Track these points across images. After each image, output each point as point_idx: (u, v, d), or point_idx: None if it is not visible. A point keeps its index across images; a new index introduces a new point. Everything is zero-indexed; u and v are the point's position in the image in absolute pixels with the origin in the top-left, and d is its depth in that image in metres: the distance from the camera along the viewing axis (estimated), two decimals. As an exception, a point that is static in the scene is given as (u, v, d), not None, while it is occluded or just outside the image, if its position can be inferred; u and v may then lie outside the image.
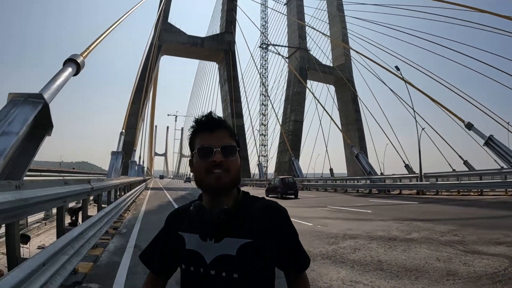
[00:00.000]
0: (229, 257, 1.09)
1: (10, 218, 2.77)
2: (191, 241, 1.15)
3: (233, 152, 1.15)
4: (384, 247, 6.76)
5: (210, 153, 1.11)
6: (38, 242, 6.89)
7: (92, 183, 6.01)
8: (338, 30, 61.57)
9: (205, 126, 1.17)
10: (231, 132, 1.20)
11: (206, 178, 1.12)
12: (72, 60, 7.52)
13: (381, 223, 10.09)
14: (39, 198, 3.27)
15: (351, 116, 62.50)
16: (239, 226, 1.13)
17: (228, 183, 1.12)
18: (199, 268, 1.11)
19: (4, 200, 2.57)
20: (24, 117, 4.64)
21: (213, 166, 1.10)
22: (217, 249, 1.11)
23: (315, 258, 6.04)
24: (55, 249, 3.18)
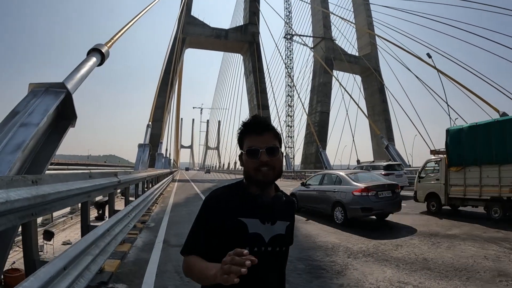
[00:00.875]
0: (281, 236, 1.38)
1: (26, 217, 2.48)
2: (254, 225, 1.33)
3: (276, 152, 1.36)
4: (427, 244, 6.49)
5: (257, 154, 1.32)
6: (63, 238, 6.73)
7: (119, 176, 5.77)
8: (364, 18, 60.25)
9: (252, 129, 1.37)
10: (275, 134, 1.40)
11: (255, 175, 1.33)
12: (96, 49, 7.28)
13: (419, 217, 9.80)
14: (59, 193, 2.97)
15: (378, 107, 61.25)
16: (282, 211, 1.42)
17: (273, 178, 1.37)
18: (261, 247, 1.32)
19: (18, 198, 2.27)
20: (45, 108, 4.38)
21: (260, 165, 1.31)
22: (274, 229, 1.36)
23: (356, 255, 5.82)
24: (78, 251, 2.88)
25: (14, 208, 2.24)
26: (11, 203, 2.20)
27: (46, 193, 2.71)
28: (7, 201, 2.15)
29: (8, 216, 2.24)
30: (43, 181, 2.75)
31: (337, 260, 5.54)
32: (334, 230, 8.16)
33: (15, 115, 4.13)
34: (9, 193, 2.23)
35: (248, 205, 1.33)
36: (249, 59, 61.06)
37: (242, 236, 1.30)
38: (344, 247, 6.45)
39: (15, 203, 2.24)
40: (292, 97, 65.79)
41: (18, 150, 3.61)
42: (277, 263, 1.41)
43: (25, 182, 2.48)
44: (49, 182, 2.86)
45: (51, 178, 2.93)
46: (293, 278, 4.67)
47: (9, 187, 2.28)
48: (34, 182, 2.60)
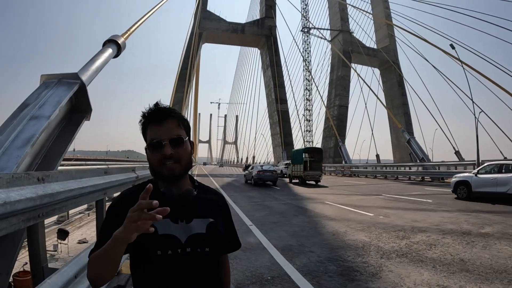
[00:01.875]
0: (201, 235, 1.23)
1: (32, 219, 2.17)
2: (163, 226, 1.18)
3: (181, 142, 1.24)
4: (462, 243, 6.20)
5: (159, 147, 1.21)
6: (79, 236, 6.52)
7: (137, 171, 5.50)
8: (381, 10, 59.32)
9: (153, 118, 1.24)
10: (179, 120, 1.27)
11: (160, 169, 1.22)
12: (112, 41, 7.01)
13: (447, 215, 9.45)
14: (71, 191, 2.66)
15: (397, 100, 60.39)
16: (201, 208, 1.28)
17: (180, 172, 1.24)
18: (177, 249, 1.19)
19: (20, 198, 1.95)
20: (57, 99, 4.09)
21: (164, 158, 1.20)
22: (189, 229, 1.22)
23: (389, 255, 5.55)
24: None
25: (16, 210, 1.93)
26: (12, 205, 1.88)
27: (55, 192, 2.40)
28: (6, 202, 1.83)
29: (9, 220, 1.93)
30: (51, 178, 2.44)
31: (370, 261, 5.25)
32: (361, 227, 7.87)
33: (25, 108, 3.86)
34: (9, 193, 1.91)
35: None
36: (266, 53, 60.87)
37: (151, 239, 1.11)
38: (375, 246, 6.19)
39: (16, 205, 1.92)
40: (310, 91, 65.29)
41: (27, 145, 3.32)
42: (202, 266, 1.23)
43: (29, 180, 2.17)
44: (58, 180, 2.55)
45: (62, 175, 2.62)
46: (326, 282, 4.42)
47: (10, 186, 1.97)
48: (40, 179, 2.29)
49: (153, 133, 1.22)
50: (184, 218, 1.23)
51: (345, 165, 39.42)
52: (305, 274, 4.69)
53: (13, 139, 3.38)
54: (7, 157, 3.23)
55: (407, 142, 33.46)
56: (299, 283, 4.38)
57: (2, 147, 3.31)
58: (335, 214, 10.09)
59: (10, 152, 3.22)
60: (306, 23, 66.17)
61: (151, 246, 1.16)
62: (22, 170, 3.28)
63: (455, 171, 25.67)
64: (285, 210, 11.28)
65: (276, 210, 11.15)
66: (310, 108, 65.46)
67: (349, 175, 36.81)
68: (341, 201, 13.43)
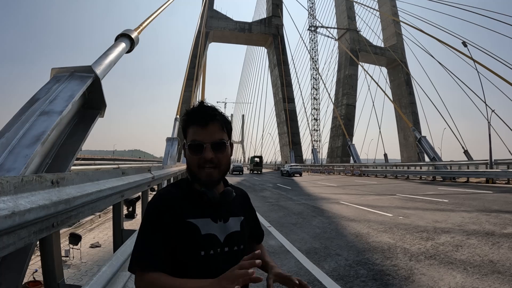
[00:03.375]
0: (237, 233, 1.24)
1: (45, 230, 1.81)
2: (205, 225, 1.18)
3: (223, 147, 1.21)
4: (487, 244, 6.06)
5: (200, 149, 1.18)
6: (91, 240, 6.22)
7: (152, 171, 5.16)
8: (389, 8, 59.21)
9: (196, 119, 1.21)
10: (223, 124, 1.23)
11: (198, 173, 1.19)
12: (125, 35, 6.68)
13: (467, 215, 9.19)
14: (89, 196, 2.31)
15: (405, 99, 60.16)
16: (234, 206, 1.29)
17: (218, 177, 1.22)
18: (217, 248, 1.18)
19: (31, 206, 1.59)
20: (69, 94, 3.75)
21: (203, 161, 1.18)
22: (226, 228, 1.22)
23: (417, 257, 5.41)
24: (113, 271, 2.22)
25: (25, 221, 1.57)
26: (21, 216, 1.52)
27: (71, 197, 2.04)
28: (15, 212, 1.47)
29: (18, 233, 1.57)
30: (67, 181, 2.08)
31: (400, 264, 5.08)
32: (383, 228, 7.71)
33: (34, 103, 3.50)
34: (18, 201, 1.54)
35: (196, 203, 1.20)
36: (273, 52, 60.77)
37: (195, 239, 1.15)
38: (401, 248, 6.00)
39: (26, 215, 1.56)
40: (317, 90, 65.04)
41: (37, 143, 2.97)
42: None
43: (41, 183, 1.80)
44: (75, 182, 2.19)
45: (78, 177, 2.26)
46: (360, 287, 4.24)
47: (19, 191, 1.59)
48: (54, 183, 1.92)
49: (195, 134, 1.20)
50: (222, 217, 1.23)
51: (354, 165, 38.97)
52: (336, 280, 4.50)
53: (21, 136, 3.03)
54: (14, 156, 2.88)
55: (417, 141, 32.85)
56: None
57: (9, 146, 2.96)
58: (354, 214, 9.91)
59: (18, 151, 2.87)
60: (313, 22, 66.04)
61: (195, 246, 1.16)
62: (31, 171, 2.93)
63: (467, 170, 25.23)
64: (302, 210, 11.11)
65: (293, 211, 11.02)
66: (317, 107, 65.21)
67: (358, 174, 36.37)
68: (356, 201, 13.19)
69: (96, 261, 5.09)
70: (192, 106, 1.26)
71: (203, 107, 1.23)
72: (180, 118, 1.25)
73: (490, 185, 20.02)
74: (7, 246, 1.53)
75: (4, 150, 2.89)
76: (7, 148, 2.92)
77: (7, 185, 1.53)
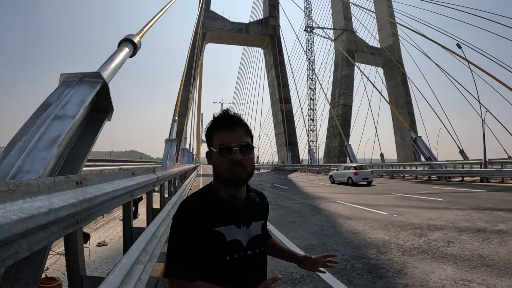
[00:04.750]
0: (258, 237, 1.34)
1: (71, 226, 2.00)
2: (230, 232, 1.25)
3: (250, 150, 1.29)
4: (478, 240, 6.33)
5: (229, 152, 1.24)
6: (97, 238, 6.40)
7: (156, 172, 5.34)
8: (384, 9, 59.53)
9: (224, 124, 1.28)
10: (247, 130, 1.32)
11: (226, 174, 1.25)
12: (128, 40, 6.86)
13: (460, 212, 9.50)
14: (107, 195, 2.50)
15: (401, 99, 60.48)
16: (255, 211, 1.37)
17: (246, 178, 1.29)
18: (240, 252, 1.26)
19: (63, 204, 1.78)
20: (80, 99, 3.93)
21: (232, 163, 1.24)
22: (249, 232, 1.31)
23: (410, 252, 5.67)
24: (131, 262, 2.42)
25: (58, 218, 1.76)
26: (55, 212, 1.71)
27: (93, 196, 2.23)
28: (51, 210, 1.66)
29: (51, 228, 1.76)
30: (88, 182, 2.27)
31: (393, 258, 5.35)
32: (379, 226, 7.95)
33: (47, 107, 3.68)
34: (52, 200, 1.73)
35: (221, 210, 1.26)
36: (270, 53, 60.90)
37: (221, 245, 1.23)
38: (395, 243, 6.27)
39: (59, 212, 1.75)
40: (314, 90, 65.27)
41: (53, 146, 3.15)
42: (259, 265, 1.37)
43: (68, 184, 2.00)
44: (94, 183, 2.39)
45: (97, 178, 2.45)
46: (355, 279, 4.49)
47: (52, 191, 1.78)
48: (78, 183, 2.12)
49: (223, 138, 1.26)
50: (245, 223, 1.32)
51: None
52: (333, 273, 4.73)
53: (37, 139, 3.21)
54: (32, 159, 3.06)
55: (413, 141, 33.15)
56: (329, 281, 4.44)
57: (26, 149, 3.14)
58: (351, 213, 10.15)
59: (35, 154, 3.05)
60: (309, 22, 66.21)
61: (221, 252, 1.23)
62: (48, 173, 3.12)
63: (462, 170, 25.55)
64: (300, 209, 11.31)
65: (291, 210, 11.21)
66: (314, 107, 65.40)
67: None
68: (353, 200, 13.43)
69: (104, 259, 5.25)
70: (217, 113, 1.34)
71: (229, 114, 1.31)
72: (206, 126, 1.33)
73: (484, 184, 20.36)
74: (42, 240, 1.71)
75: (22, 153, 3.07)
76: (25, 151, 3.10)
77: (42, 185, 1.72)
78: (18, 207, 1.39)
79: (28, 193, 1.52)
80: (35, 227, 1.51)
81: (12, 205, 1.36)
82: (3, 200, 1.31)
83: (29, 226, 1.44)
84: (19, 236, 1.38)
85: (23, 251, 1.44)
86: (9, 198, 1.35)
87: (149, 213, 5.30)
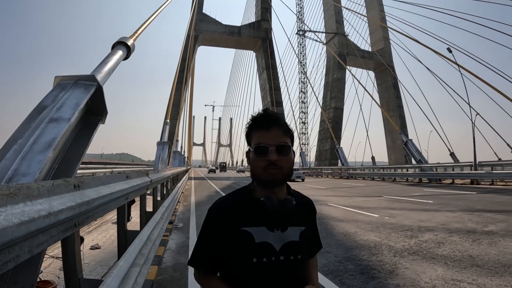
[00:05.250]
0: (294, 243, 1.25)
1: (69, 229, 2.01)
2: (260, 234, 1.21)
3: (287, 150, 1.23)
4: (468, 241, 6.40)
5: (265, 152, 1.20)
6: (90, 241, 6.37)
7: (150, 175, 5.35)
8: (376, 14, 59.89)
9: (261, 123, 1.25)
10: (286, 129, 1.26)
11: (262, 174, 1.21)
12: (122, 43, 6.87)
13: (451, 214, 9.59)
14: (103, 198, 2.51)
15: (392, 102, 60.82)
16: (295, 215, 1.29)
17: (282, 179, 1.23)
18: (271, 257, 1.20)
19: (62, 207, 1.80)
20: (75, 102, 3.93)
21: (268, 164, 1.20)
22: (284, 237, 1.23)
23: (401, 253, 5.75)
24: (129, 264, 2.44)
25: (58, 221, 1.78)
26: (55, 215, 1.72)
27: (91, 199, 2.25)
28: (51, 213, 1.68)
29: (50, 231, 1.77)
30: (85, 185, 2.29)
31: (385, 259, 5.42)
32: (370, 228, 8.02)
33: (42, 110, 3.68)
34: (51, 203, 1.75)
35: (254, 211, 1.23)
36: (262, 56, 60.90)
37: (248, 246, 1.20)
38: (387, 245, 6.33)
39: (59, 215, 1.77)
40: (305, 93, 65.50)
41: (49, 149, 3.15)
42: (293, 273, 1.24)
43: (67, 187, 2.01)
44: (91, 186, 2.40)
45: (94, 181, 2.47)
46: (348, 280, 4.56)
47: (51, 194, 1.80)
48: (76, 186, 2.13)
49: (259, 138, 1.23)
50: (280, 226, 1.24)
51: (342, 168, 39.42)
52: (326, 274, 4.79)
53: (33, 142, 3.21)
54: (27, 162, 3.06)
55: (404, 144, 33.47)
56: (322, 282, 4.43)
57: (22, 152, 3.14)
58: (342, 215, 10.20)
59: (31, 157, 3.05)
60: (301, 26, 66.43)
61: (248, 253, 1.20)
62: (43, 176, 3.12)
63: (452, 172, 25.85)
64: (292, 212, 11.21)
65: (283, 213, 11.10)
66: (305, 110, 65.59)
67: (346, 177, 36.80)
68: (344, 203, 13.48)
69: (99, 262, 5.24)
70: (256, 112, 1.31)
71: (267, 113, 1.28)
72: (245, 125, 1.32)
73: (474, 186, 20.63)
74: (42, 243, 1.73)
75: (18, 156, 3.07)
76: (20, 153, 3.10)
77: (42, 189, 1.74)
78: (19, 210, 1.41)
79: (28, 196, 1.54)
80: (36, 230, 1.53)
81: (13, 208, 1.38)
82: (4, 203, 1.32)
83: (30, 229, 1.45)
84: (21, 239, 1.39)
85: (24, 254, 1.46)
86: (10, 201, 1.36)
87: (142, 216, 5.30)
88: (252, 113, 1.30)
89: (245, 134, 1.32)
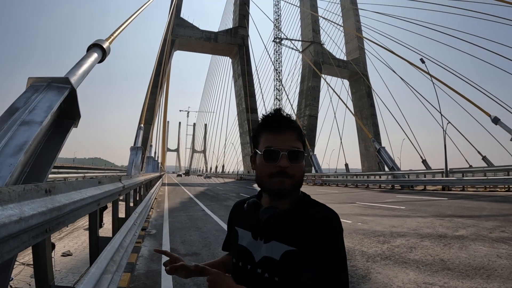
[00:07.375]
0: (272, 261, 1.06)
1: (40, 235, 1.97)
2: (244, 237, 1.17)
3: (300, 157, 1.09)
4: (439, 245, 6.53)
5: (276, 157, 1.07)
6: (62, 248, 6.21)
7: (122, 180, 5.27)
8: (352, 24, 61.05)
9: (273, 125, 1.12)
10: (299, 134, 1.13)
11: (269, 182, 1.08)
12: (97, 45, 6.75)
13: (422, 220, 9.78)
14: (75, 203, 2.47)
15: (366, 111, 61.92)
16: (289, 231, 1.06)
17: (291, 188, 1.08)
18: (247, 264, 1.12)
19: (33, 213, 1.76)
20: (48, 104, 3.85)
21: (277, 171, 1.06)
22: (265, 249, 1.08)
23: (374, 258, 5.83)
24: (101, 271, 2.40)
25: (29, 226, 1.74)
26: (26, 221, 1.69)
27: (62, 204, 2.21)
28: (21, 218, 1.64)
29: (21, 237, 1.74)
30: (57, 190, 2.25)
31: (358, 265, 5.46)
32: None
33: (14, 112, 3.59)
34: (22, 208, 1.72)
35: (249, 214, 1.15)
36: (238, 62, 61.02)
37: (234, 245, 1.21)
38: (359, 250, 6.40)
39: (30, 220, 1.73)
40: (280, 101, 65.91)
41: (20, 152, 3.07)
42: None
43: (38, 192, 1.97)
44: (63, 191, 2.36)
45: (65, 186, 2.43)
46: None
47: (22, 199, 1.76)
48: (48, 191, 2.09)
49: (270, 141, 1.09)
50: (264, 236, 1.10)
51: (316, 174, 39.76)
52: None
53: (4, 146, 3.13)
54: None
55: (377, 151, 34.10)
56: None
57: (-9, 155, 3.06)
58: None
59: (2, 160, 2.98)
60: (278, 34, 66.95)
61: (232, 252, 1.24)
62: (14, 180, 3.04)
63: (424, 179, 26.51)
64: (266, 219, 11.22)
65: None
66: (281, 117, 65.97)
67: (320, 184, 37.09)
68: (318, 210, 13.47)
69: (70, 269, 5.10)
70: (268, 112, 1.19)
71: (281, 114, 1.15)
72: (255, 127, 1.18)
73: (446, 192, 21.11)
74: (13, 249, 1.69)
75: (-13, 159, 2.99)
76: (-11, 157, 3.02)
77: (13, 193, 1.70)
78: (-11, 215, 1.38)
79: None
80: (7, 235, 1.50)
81: (-17, 213, 1.35)
82: (-26, 208, 1.29)
83: (1, 234, 1.43)
84: (-9, 245, 1.36)
85: (-6, 261, 1.43)
86: (-20, 206, 1.34)
87: (115, 222, 5.21)
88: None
89: (252, 136, 1.19)
